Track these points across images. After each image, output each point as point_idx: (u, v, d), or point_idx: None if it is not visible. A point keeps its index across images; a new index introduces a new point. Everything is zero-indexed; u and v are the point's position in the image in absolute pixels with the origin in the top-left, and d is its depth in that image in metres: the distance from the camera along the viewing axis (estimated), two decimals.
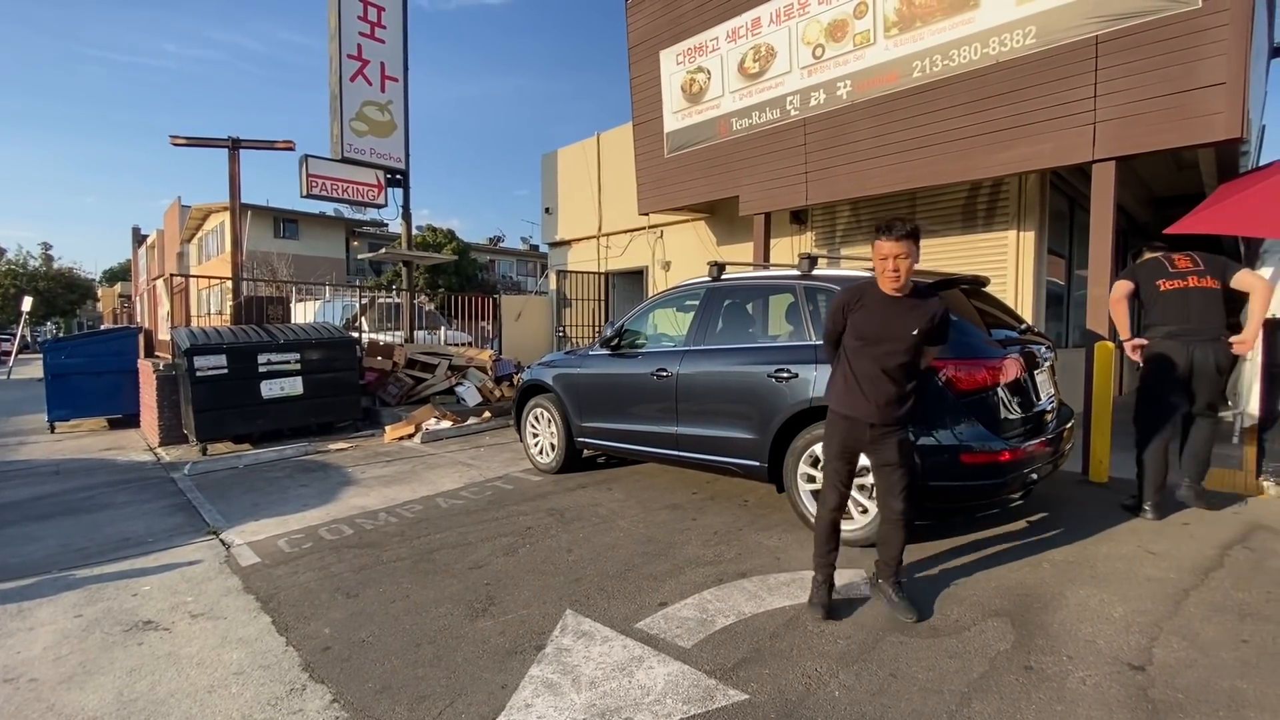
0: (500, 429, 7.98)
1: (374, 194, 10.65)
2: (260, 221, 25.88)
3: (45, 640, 2.91)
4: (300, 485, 5.59)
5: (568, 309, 11.31)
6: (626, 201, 10.24)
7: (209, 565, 3.78)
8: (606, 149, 11.40)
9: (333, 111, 10.47)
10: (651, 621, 2.91)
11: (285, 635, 2.91)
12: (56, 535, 4.41)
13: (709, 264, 4.84)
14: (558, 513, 4.57)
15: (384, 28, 10.88)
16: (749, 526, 4.14)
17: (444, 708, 2.34)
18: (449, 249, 23.37)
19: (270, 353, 7.34)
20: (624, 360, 5.07)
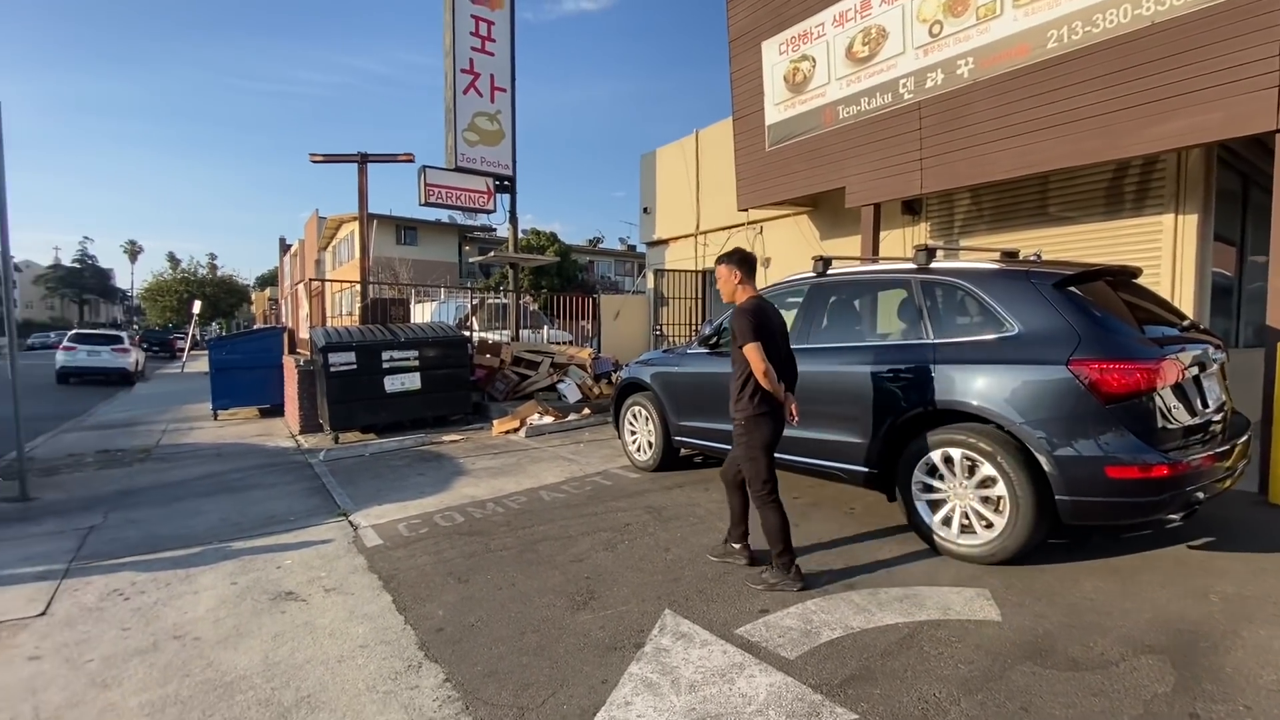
0: (599, 425, 8.14)
1: (484, 200, 11.21)
2: (384, 229, 28.11)
3: (207, 603, 3.29)
4: (418, 474, 5.99)
5: (665, 307, 11.34)
6: (725, 198, 10.10)
7: (339, 544, 4.13)
8: (705, 146, 11.31)
9: (447, 124, 11.12)
10: (752, 628, 2.83)
11: (404, 614, 3.10)
12: (217, 510, 4.99)
13: (814, 259, 4.65)
14: (655, 511, 4.57)
15: (493, 41, 11.42)
16: (856, 536, 3.93)
17: (547, 697, 2.40)
18: (551, 251, 24.22)
19: (392, 350, 7.92)
20: (723, 359, 4.98)
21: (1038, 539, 3.23)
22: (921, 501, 3.60)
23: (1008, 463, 3.19)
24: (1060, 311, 3.24)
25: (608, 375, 9.69)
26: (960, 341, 3.58)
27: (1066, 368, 3.09)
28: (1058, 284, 3.35)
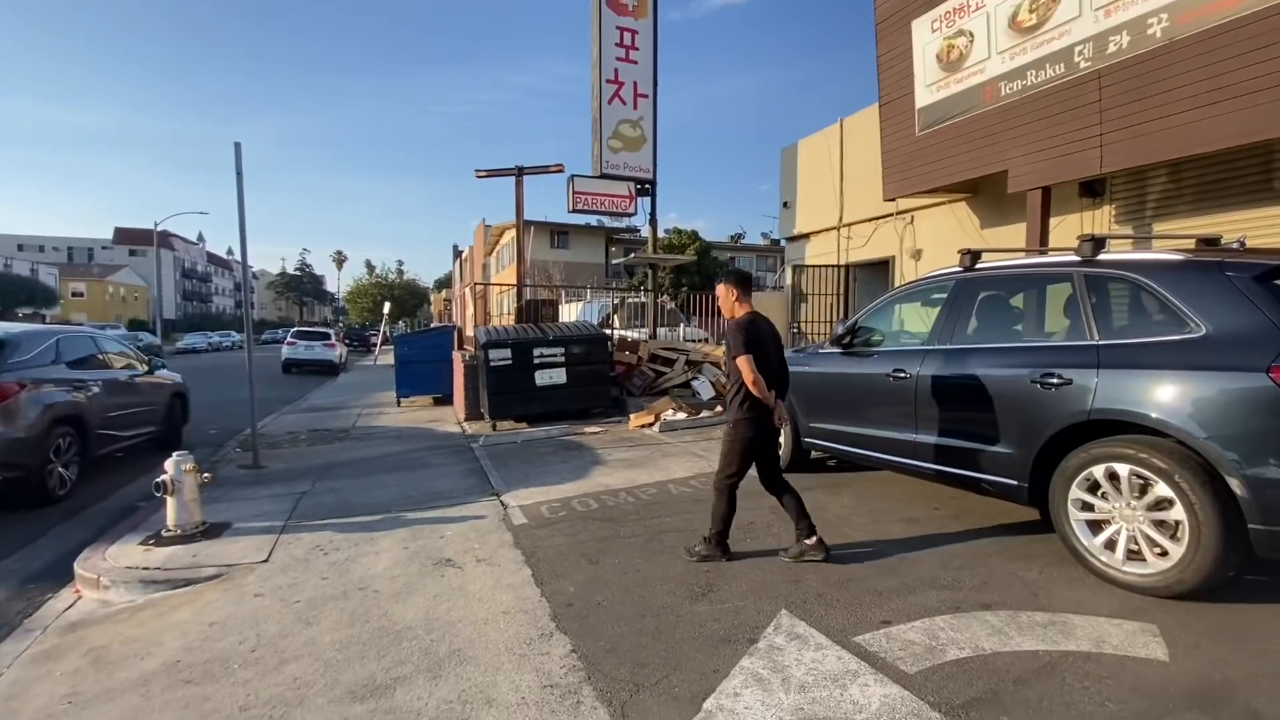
0: None
1: (625, 204, 11.69)
2: (540, 235, 30.19)
3: (385, 563, 3.88)
4: (560, 461, 6.47)
5: (804, 304, 11.03)
6: (870, 188, 9.60)
7: (491, 521, 4.63)
8: (850, 134, 10.81)
9: (594, 133, 11.75)
10: (871, 638, 2.77)
11: (540, 588, 3.43)
12: (396, 484, 5.80)
13: (960, 252, 4.34)
14: (780, 512, 4.53)
15: (636, 49, 11.85)
16: (1000, 553, 3.63)
17: (660, 678, 2.55)
18: (691, 249, 24.47)
19: (542, 347, 8.59)
20: (856, 359, 4.82)
21: (1224, 572, 2.78)
22: (1079, 521, 3.24)
23: (1188, 483, 2.78)
24: (1262, 309, 2.75)
25: None
26: (1133, 343, 3.17)
27: (1268, 375, 2.62)
28: (1260, 276, 2.84)
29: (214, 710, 2.45)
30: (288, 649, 2.88)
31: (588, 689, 2.49)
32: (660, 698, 2.42)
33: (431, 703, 2.44)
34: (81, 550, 4.15)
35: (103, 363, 6.77)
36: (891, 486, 5.05)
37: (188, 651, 2.91)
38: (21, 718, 2.49)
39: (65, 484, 5.72)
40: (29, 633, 3.29)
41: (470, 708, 2.40)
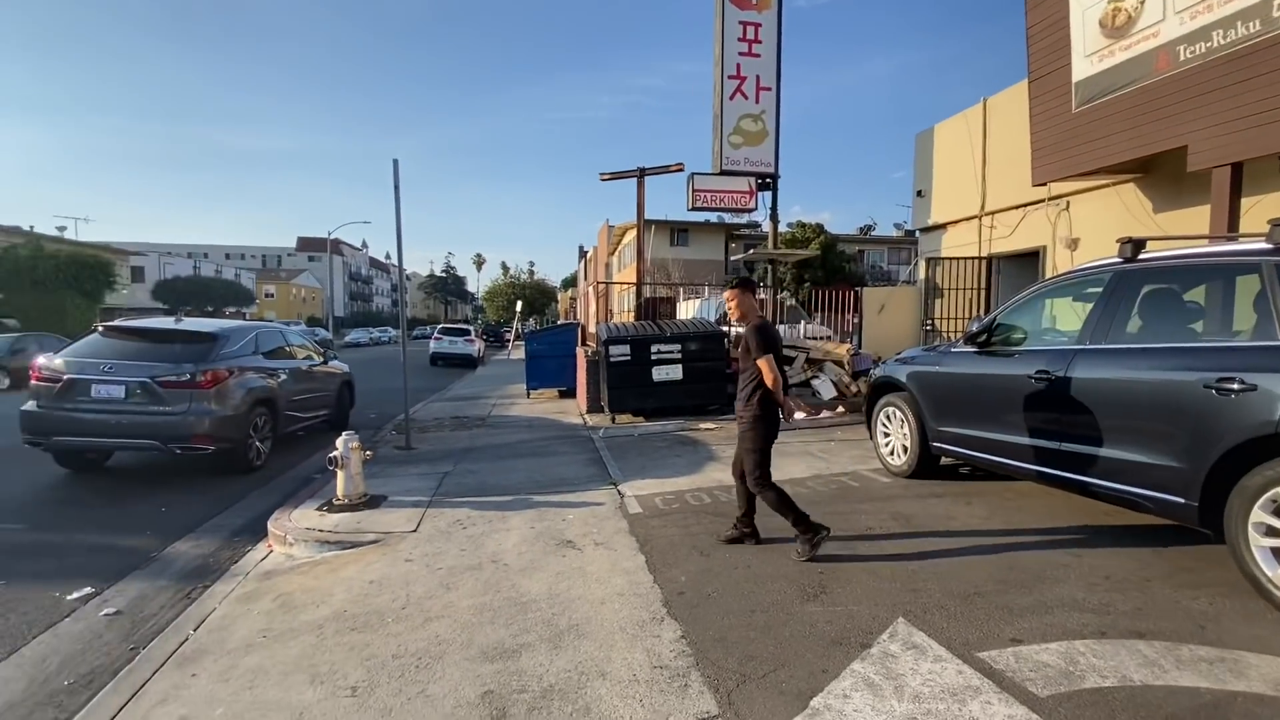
0: (853, 425, 7.86)
1: (745, 200, 11.58)
2: (660, 233, 30.65)
3: (514, 540, 4.22)
4: (675, 455, 6.61)
5: (939, 300, 10.31)
6: (1017, 173, 8.76)
7: (608, 508, 4.86)
8: (994, 116, 9.92)
9: (714, 130, 11.75)
10: (998, 655, 2.61)
11: (653, 574, 3.58)
12: (525, 469, 6.24)
13: (1120, 241, 3.89)
14: (903, 518, 4.36)
15: (760, 42, 11.67)
16: (1161, 579, 3.24)
17: (768, 671, 2.59)
18: (816, 244, 23.63)
19: (660, 344, 8.79)
20: (994, 359, 4.48)
21: None
22: (1262, 548, 2.82)
23: None
24: None
25: (866, 373, 9.24)
26: None
27: None
28: None
29: (372, 655, 2.83)
30: (431, 609, 3.25)
31: (695, 674, 2.58)
32: (767, 691, 2.45)
33: (552, 670, 2.65)
34: (272, 512, 4.92)
35: (289, 354, 7.91)
36: (1032, 498, 4.64)
37: (352, 603, 3.38)
38: (231, 645, 3.04)
39: (261, 456, 6.78)
40: (234, 577, 3.98)
41: (586, 678, 2.58)
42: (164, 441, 5.98)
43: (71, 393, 5.97)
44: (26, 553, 4.43)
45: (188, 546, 4.60)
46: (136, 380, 5.99)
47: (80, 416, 5.93)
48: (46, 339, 16.25)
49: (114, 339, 6.51)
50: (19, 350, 15.26)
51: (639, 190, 12.02)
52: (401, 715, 2.39)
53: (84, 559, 4.33)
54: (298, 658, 2.85)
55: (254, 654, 2.91)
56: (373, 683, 2.61)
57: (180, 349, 6.40)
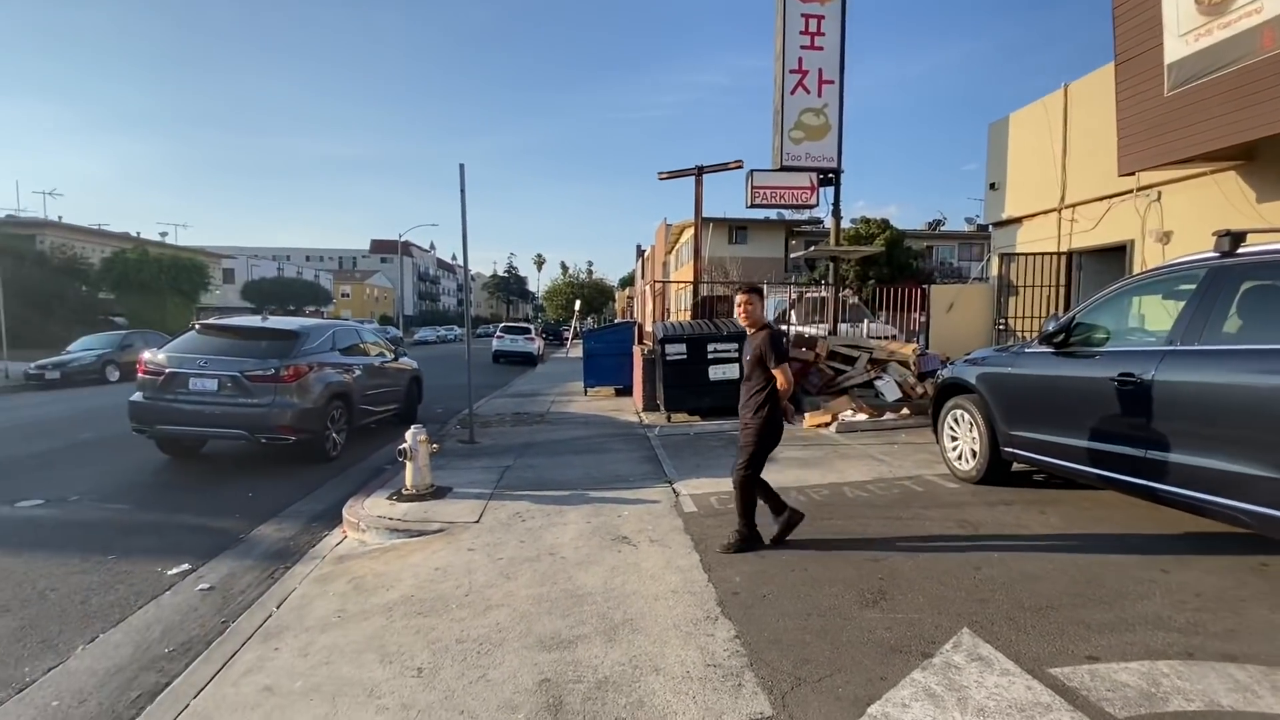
0: (918, 428, 7.58)
1: (806, 196, 11.34)
2: (718, 231, 30.39)
3: (571, 534, 4.31)
4: (731, 455, 6.52)
5: (1013, 298, 9.80)
6: (1101, 163, 8.22)
7: (663, 506, 4.89)
8: (1076, 103, 9.34)
9: (775, 125, 11.56)
10: (1072, 672, 2.48)
11: (707, 574, 3.58)
12: (582, 465, 6.35)
13: (1216, 234, 3.61)
14: (970, 525, 4.18)
15: (822, 35, 11.39)
16: (1259, 599, 2.99)
17: (824, 675, 2.55)
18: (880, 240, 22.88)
19: (716, 343, 8.74)
20: (1073, 360, 4.23)
21: None
22: None
23: None
24: None
25: (933, 374, 8.89)
26: None
27: None
28: None
29: (437, 639, 2.96)
30: (492, 597, 3.37)
31: (749, 674, 2.57)
32: (822, 695, 2.42)
33: (607, 662, 2.70)
34: (347, 500, 5.20)
35: (363, 351, 8.34)
36: (1112, 509, 4.36)
37: (419, 588, 3.54)
38: (309, 622, 3.24)
39: (337, 447, 7.18)
40: (313, 559, 4.24)
41: (640, 672, 2.62)
42: (251, 431, 6.43)
43: (172, 385, 6.51)
44: (133, 530, 4.86)
45: (271, 529, 4.94)
46: (228, 374, 6.47)
47: (179, 407, 6.46)
48: (151, 335, 17.74)
49: (209, 336, 7.04)
50: (127, 346, 16.73)
51: (697, 188, 11.97)
52: (464, 697, 2.49)
53: (182, 537, 4.72)
54: (369, 638, 3.01)
55: (330, 632, 3.10)
56: (437, 665, 2.74)
57: (266, 345, 6.86)
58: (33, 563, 4.20)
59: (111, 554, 4.35)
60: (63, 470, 6.65)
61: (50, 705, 2.71)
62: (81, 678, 2.92)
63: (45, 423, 9.78)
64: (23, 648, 3.16)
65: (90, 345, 16.85)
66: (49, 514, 5.25)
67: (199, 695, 2.62)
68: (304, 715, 2.43)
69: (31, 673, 2.95)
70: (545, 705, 2.41)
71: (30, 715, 2.65)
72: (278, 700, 2.55)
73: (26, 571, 4.06)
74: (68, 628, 3.37)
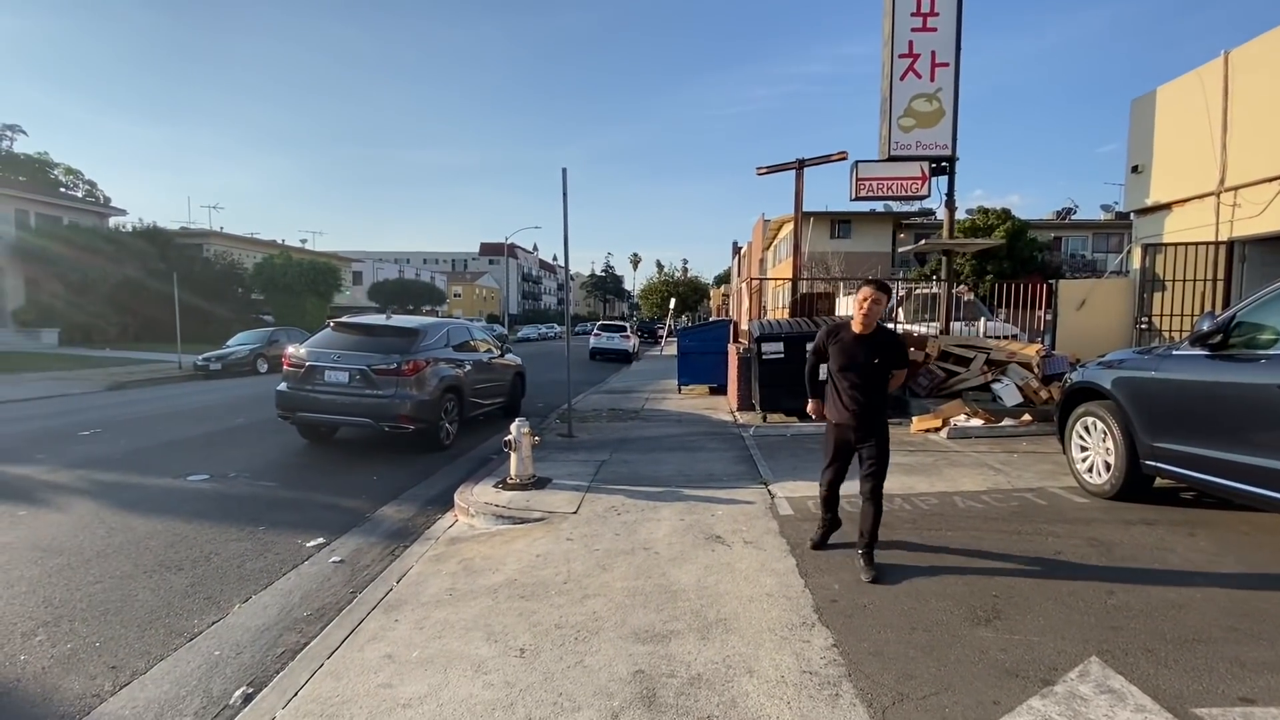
0: (1041, 435, 6.97)
1: (917, 186, 10.72)
2: (819, 226, 29.39)
3: (664, 530, 4.36)
4: None
5: (1160, 293, 8.74)
6: (1271, 139, 7.15)
7: (758, 507, 4.83)
8: (1238, 71, 8.16)
9: (882, 114, 11.01)
10: (1222, 714, 2.21)
11: (804, 579, 3.50)
12: (676, 463, 6.40)
13: None
14: (1102, 545, 3.80)
15: (936, 15, 10.70)
16: None
17: (929, 694, 2.43)
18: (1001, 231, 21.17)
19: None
20: (1233, 365, 3.74)
21: None
22: None
23: None
24: None
25: (1060, 377, 8.12)
26: None
27: None
28: None
29: (538, 622, 3.11)
30: (589, 586, 3.49)
31: (847, 685, 2.50)
32: (927, 713, 2.31)
33: (700, 659, 2.72)
34: (458, 486, 5.56)
35: (473, 347, 8.87)
36: (1276, 534, 3.81)
37: (521, 573, 3.73)
38: (424, 597, 3.51)
39: (450, 437, 7.70)
40: (427, 540, 4.58)
41: (733, 672, 2.61)
42: (376, 419, 7.04)
43: (311, 377, 7.25)
44: (278, 506, 5.47)
45: (393, 510, 5.38)
46: (357, 368, 7.11)
47: (316, 396, 7.18)
48: (293, 332, 19.82)
49: (342, 333, 7.78)
50: (274, 341, 18.80)
51: (797, 182, 11.64)
52: (562, 680, 2.60)
53: (317, 514, 5.25)
54: (476, 616, 3.22)
55: (442, 609, 3.34)
56: (538, 647, 2.88)
57: (389, 342, 7.48)
58: (200, 529, 4.83)
59: (261, 525, 4.92)
60: (222, 450, 7.59)
61: (214, 654, 3.12)
62: (238, 633, 3.33)
63: (209, 408, 11.19)
64: (192, 602, 3.66)
65: (244, 340, 19.09)
66: (212, 487, 6.02)
67: (331, 657, 2.91)
68: (420, 683, 2.64)
69: (199, 625, 3.40)
70: (639, 696, 2.47)
71: (198, 662, 3.06)
72: (397, 667, 2.78)
73: (196, 536, 4.68)
74: (227, 587, 3.85)
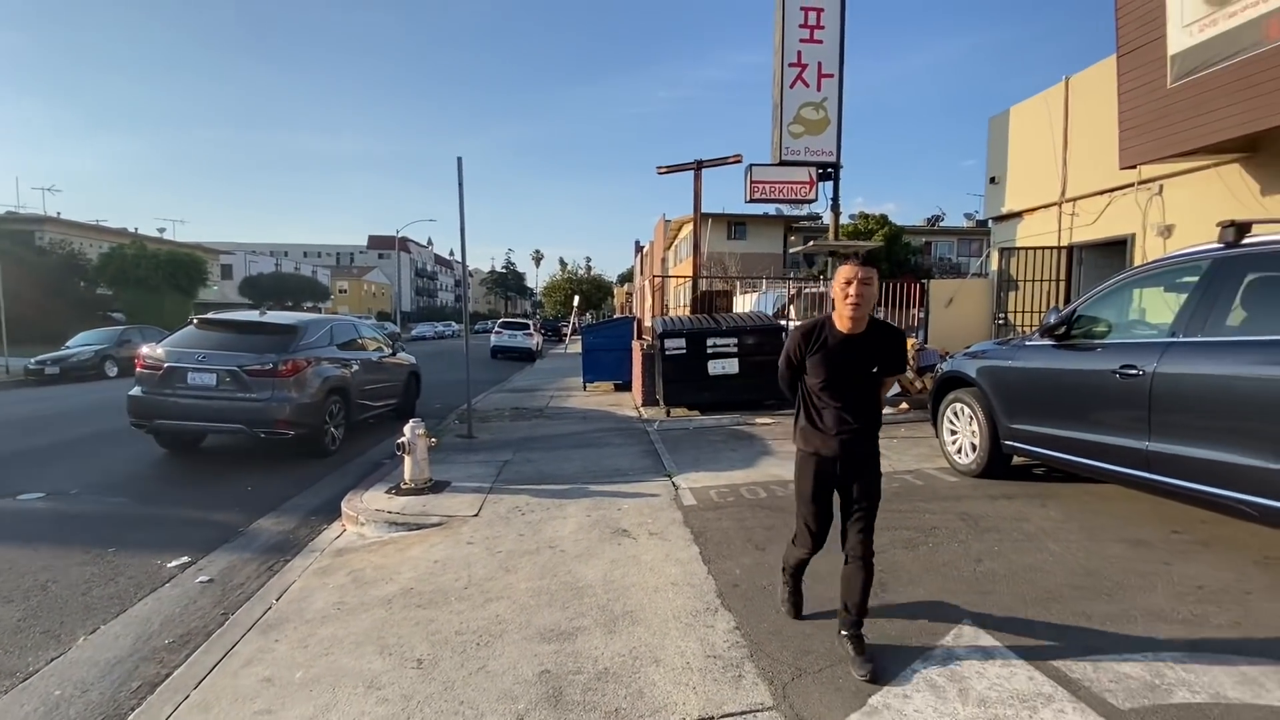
0: (917, 422, 7.58)
1: (805, 190, 11.32)
2: (717, 227, 30.33)
3: (570, 528, 4.30)
4: (730, 450, 6.56)
5: (1013, 292, 9.77)
6: (1102, 156, 8.19)
7: (663, 500, 4.88)
8: (1077, 95, 9.30)
9: (774, 120, 11.53)
10: (1074, 664, 2.47)
11: (707, 566, 3.57)
12: (581, 459, 6.34)
13: (1220, 225, 3.59)
14: (971, 519, 4.17)
15: (822, 28, 11.35)
16: (1264, 592, 2.99)
17: (824, 667, 2.54)
18: (879, 235, 22.86)
19: (715, 337, 8.71)
20: (1074, 353, 4.22)
21: None
22: None
23: None
24: None
25: (932, 368, 8.88)
26: None
27: None
28: None
29: (436, 631, 2.95)
30: (491, 590, 3.36)
31: (750, 665, 2.57)
32: (823, 686, 2.41)
33: (607, 653, 2.69)
34: (345, 494, 5.18)
35: (361, 346, 8.31)
36: (1115, 502, 4.36)
37: (418, 581, 3.53)
38: (308, 615, 3.23)
39: (335, 442, 7.16)
40: (312, 553, 4.23)
41: (640, 663, 2.61)
42: (249, 425, 6.41)
43: (170, 380, 6.48)
44: (132, 524, 4.85)
45: (270, 523, 4.92)
46: (226, 369, 6.44)
47: (178, 401, 6.44)
48: (149, 331, 17.71)
49: (207, 330, 7.01)
50: (125, 341, 16.70)
51: (696, 183, 11.94)
52: (463, 688, 2.48)
53: (181, 531, 4.70)
54: (368, 630, 3.00)
55: (329, 624, 3.09)
56: (437, 656, 2.73)
57: (264, 340, 6.83)
58: (35, 554, 4.18)
59: (112, 547, 4.34)
60: (63, 464, 6.63)
61: (53, 694, 2.70)
62: (83, 668, 2.91)
63: (45, 418, 9.75)
64: (26, 638, 3.15)
65: (89, 341, 16.82)
66: (50, 507, 5.24)
67: (199, 686, 2.61)
68: (304, 706, 2.42)
69: (35, 663, 2.94)
70: (545, 696, 2.41)
71: (34, 704, 2.64)
72: (277, 691, 2.54)
73: (29, 563, 4.04)
74: (69, 619, 3.36)
